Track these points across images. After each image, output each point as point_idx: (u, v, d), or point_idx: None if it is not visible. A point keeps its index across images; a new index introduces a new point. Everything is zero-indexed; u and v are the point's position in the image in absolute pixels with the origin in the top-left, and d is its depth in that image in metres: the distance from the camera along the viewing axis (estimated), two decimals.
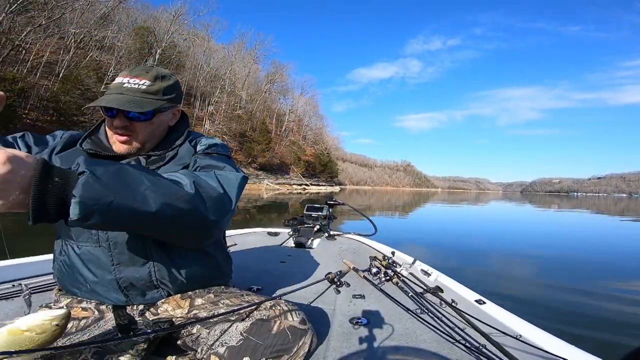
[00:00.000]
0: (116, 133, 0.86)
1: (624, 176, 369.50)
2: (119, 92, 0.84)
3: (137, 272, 0.86)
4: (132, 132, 0.87)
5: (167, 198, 0.61)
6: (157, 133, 0.93)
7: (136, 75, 0.87)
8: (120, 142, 0.87)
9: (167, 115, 0.94)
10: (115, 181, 0.55)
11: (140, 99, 0.84)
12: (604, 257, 5.10)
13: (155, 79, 0.88)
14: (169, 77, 0.92)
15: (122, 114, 0.84)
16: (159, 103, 0.87)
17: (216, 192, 0.74)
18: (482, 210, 18.07)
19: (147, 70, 0.89)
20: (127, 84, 0.85)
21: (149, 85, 0.86)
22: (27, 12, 22.03)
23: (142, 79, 0.86)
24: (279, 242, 2.57)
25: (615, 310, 2.76)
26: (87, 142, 0.90)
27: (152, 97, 0.86)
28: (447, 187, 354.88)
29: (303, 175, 56.55)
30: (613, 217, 14.19)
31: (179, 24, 39.16)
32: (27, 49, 23.76)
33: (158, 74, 0.89)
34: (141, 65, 0.91)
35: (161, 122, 0.92)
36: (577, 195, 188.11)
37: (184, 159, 0.93)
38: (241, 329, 0.81)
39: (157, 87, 0.87)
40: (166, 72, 0.92)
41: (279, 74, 60.37)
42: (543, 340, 0.98)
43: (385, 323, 1.20)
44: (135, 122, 0.86)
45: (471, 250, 5.45)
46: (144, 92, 0.85)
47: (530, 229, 9.34)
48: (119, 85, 0.85)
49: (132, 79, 0.86)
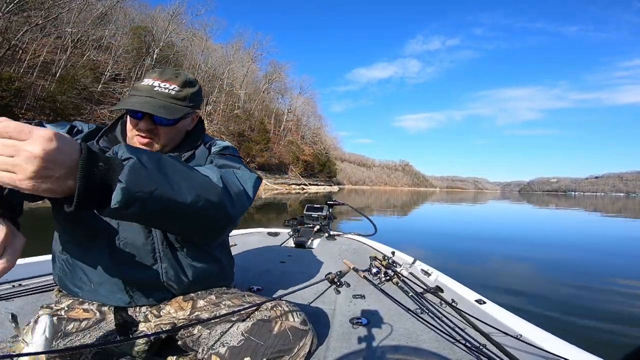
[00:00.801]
0: (139, 135, 0.85)
1: (621, 175, 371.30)
2: (149, 95, 0.83)
3: (145, 273, 0.86)
4: (155, 135, 0.86)
5: (201, 190, 0.62)
6: (177, 138, 0.93)
7: (166, 79, 0.86)
8: (142, 144, 0.86)
9: (188, 120, 0.94)
10: (157, 170, 0.54)
11: (170, 105, 0.84)
12: (604, 257, 5.13)
13: (184, 85, 0.87)
14: (195, 83, 0.92)
15: (148, 117, 0.84)
16: (186, 110, 0.87)
17: (238, 188, 0.76)
18: (482, 209, 18.12)
19: (176, 75, 0.88)
20: (157, 87, 0.84)
21: (178, 91, 0.86)
22: (24, 11, 21.91)
23: (171, 84, 0.85)
24: (279, 242, 2.57)
25: (616, 309, 2.77)
26: (104, 139, 0.89)
27: (180, 104, 0.86)
28: (446, 187, 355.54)
29: (301, 175, 56.51)
30: (613, 217, 14.23)
31: (177, 23, 38.98)
32: (23, 49, 23.62)
33: (186, 80, 0.89)
34: (170, 69, 0.90)
35: (182, 127, 0.93)
36: (575, 195, 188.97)
37: (199, 161, 0.93)
38: (242, 330, 0.81)
39: (185, 94, 0.87)
40: (192, 78, 0.91)
41: (277, 73, 60.31)
42: (544, 340, 0.98)
43: (386, 323, 1.20)
44: (160, 127, 0.86)
45: (471, 250, 5.45)
46: (173, 98, 0.85)
47: (530, 229, 9.37)
48: (149, 87, 0.84)
49: (162, 82, 0.85)
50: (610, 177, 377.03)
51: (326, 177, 69.30)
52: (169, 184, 0.55)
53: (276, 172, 49.58)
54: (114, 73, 30.61)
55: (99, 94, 27.40)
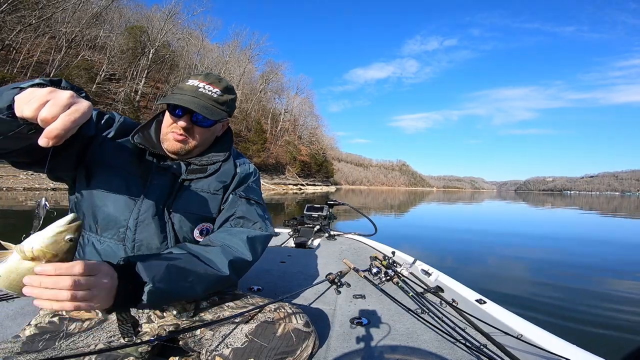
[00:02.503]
0: (175, 132, 0.87)
1: (616, 174, 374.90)
2: (194, 95, 0.86)
3: None
4: (191, 134, 0.88)
5: (209, 284, 0.77)
6: (208, 141, 0.95)
7: (211, 82, 0.89)
8: (177, 140, 0.87)
9: (219, 125, 0.96)
10: (170, 282, 0.69)
11: (212, 107, 0.87)
12: (603, 256, 5.11)
13: (225, 91, 0.91)
14: (234, 91, 0.95)
15: (188, 116, 0.86)
16: (223, 115, 0.89)
17: (246, 263, 0.86)
18: (480, 209, 18.17)
19: (219, 80, 0.91)
20: (202, 89, 0.87)
21: (219, 95, 0.89)
22: (18, 11, 21.70)
23: (215, 87, 0.89)
24: (279, 242, 2.56)
25: (616, 309, 2.76)
26: (138, 136, 0.90)
27: (220, 107, 0.89)
28: (442, 187, 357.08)
29: (299, 175, 56.49)
30: (616, 216, 14.30)
31: (173, 23, 38.81)
32: (17, 49, 23.41)
33: (228, 86, 0.92)
34: (214, 74, 0.93)
35: (215, 131, 0.95)
36: (571, 194, 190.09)
37: (224, 178, 0.96)
38: (246, 331, 0.81)
39: (225, 99, 0.90)
40: (232, 86, 0.95)
41: (274, 73, 60.18)
42: (544, 340, 0.98)
43: (386, 323, 1.20)
44: (196, 127, 0.88)
45: (471, 250, 5.45)
46: (215, 101, 0.88)
47: (529, 228, 9.37)
48: (194, 88, 0.87)
49: (207, 85, 0.88)
50: (606, 176, 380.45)
51: (323, 177, 69.34)
52: (182, 288, 0.71)
53: (273, 173, 49.51)
54: (108, 73, 30.42)
55: (93, 94, 27.19)
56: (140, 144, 0.89)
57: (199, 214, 0.90)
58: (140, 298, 0.64)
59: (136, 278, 0.65)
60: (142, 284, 0.65)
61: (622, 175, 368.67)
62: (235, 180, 0.97)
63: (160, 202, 0.86)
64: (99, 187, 0.83)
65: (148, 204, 0.84)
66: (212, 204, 0.92)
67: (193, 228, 0.89)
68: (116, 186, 0.84)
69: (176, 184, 0.89)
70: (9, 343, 0.79)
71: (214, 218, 0.93)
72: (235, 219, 0.92)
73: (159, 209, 0.85)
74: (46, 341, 0.80)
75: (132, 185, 0.85)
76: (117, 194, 0.84)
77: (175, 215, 0.87)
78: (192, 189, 0.91)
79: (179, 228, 0.87)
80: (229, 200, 0.94)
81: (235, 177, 0.97)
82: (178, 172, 0.90)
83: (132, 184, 0.85)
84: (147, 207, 0.84)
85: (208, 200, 0.92)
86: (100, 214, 0.83)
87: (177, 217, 0.87)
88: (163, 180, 0.88)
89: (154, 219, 0.84)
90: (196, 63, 42.46)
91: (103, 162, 0.85)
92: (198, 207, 0.90)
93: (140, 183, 0.86)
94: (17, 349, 0.78)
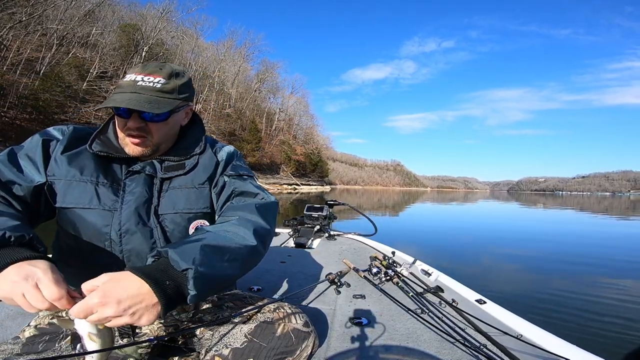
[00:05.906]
0: (129, 135, 0.81)
1: (607, 175, 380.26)
2: (133, 91, 0.77)
3: None
4: (147, 133, 0.81)
5: (244, 259, 0.72)
6: (171, 134, 0.88)
7: (150, 72, 0.80)
8: (134, 144, 0.81)
9: (181, 114, 0.89)
10: (211, 265, 0.63)
11: (157, 99, 0.78)
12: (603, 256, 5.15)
13: (170, 77, 0.82)
14: (183, 74, 0.86)
15: (136, 115, 0.79)
16: (175, 103, 0.82)
17: (266, 230, 0.81)
18: (478, 209, 18.31)
19: (161, 67, 0.83)
20: (141, 82, 0.78)
21: (164, 83, 0.80)
22: (8, 8, 21.31)
23: (156, 77, 0.80)
24: (279, 242, 2.55)
25: (617, 309, 2.78)
26: (97, 143, 0.84)
27: (168, 97, 0.80)
28: (436, 187, 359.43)
29: (293, 174, 56.39)
30: (611, 217, 14.46)
31: (167, 21, 38.44)
32: (7, 46, 22.97)
33: (172, 71, 0.83)
34: (153, 62, 0.85)
35: (175, 122, 0.88)
36: (562, 194, 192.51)
37: (207, 170, 0.90)
38: (245, 331, 0.80)
39: (172, 86, 0.81)
40: (180, 69, 0.86)
41: (269, 72, 60.01)
42: (544, 340, 0.99)
43: (386, 323, 1.20)
44: (150, 123, 0.81)
45: (471, 250, 5.47)
46: (159, 91, 0.79)
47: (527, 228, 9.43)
48: (131, 83, 0.78)
49: (146, 76, 0.79)
50: (597, 176, 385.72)
51: (318, 177, 69.35)
52: (224, 271, 0.66)
53: (268, 172, 49.35)
54: (100, 71, 30.00)
55: (84, 92, 26.78)
56: (101, 152, 0.82)
57: (190, 212, 0.85)
58: (186, 290, 0.59)
59: (169, 271, 0.60)
60: (181, 275, 0.59)
61: (613, 175, 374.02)
62: (220, 167, 0.92)
63: (142, 208, 0.81)
64: (71, 206, 0.79)
65: (128, 213, 0.80)
66: (201, 198, 0.87)
67: (187, 228, 0.85)
68: (86, 201, 0.79)
69: (155, 185, 0.84)
70: (8, 344, 0.78)
71: (207, 213, 0.88)
72: (235, 197, 0.88)
73: (142, 216, 0.81)
74: (46, 342, 0.79)
75: (104, 196, 0.80)
76: (90, 209, 0.79)
77: (166, 218, 0.83)
78: (176, 188, 0.86)
79: (172, 230, 0.83)
80: (219, 185, 0.90)
81: (220, 165, 0.92)
82: (153, 172, 0.84)
83: (104, 195, 0.80)
84: (128, 216, 0.79)
85: (195, 196, 0.87)
86: (84, 235, 0.80)
87: (167, 219, 0.83)
88: (138, 185, 0.82)
89: (138, 227, 0.80)
90: (190, 62, 42.10)
91: (65, 180, 0.79)
92: (187, 205, 0.85)
93: (112, 192, 0.81)
94: (17, 350, 0.77)
